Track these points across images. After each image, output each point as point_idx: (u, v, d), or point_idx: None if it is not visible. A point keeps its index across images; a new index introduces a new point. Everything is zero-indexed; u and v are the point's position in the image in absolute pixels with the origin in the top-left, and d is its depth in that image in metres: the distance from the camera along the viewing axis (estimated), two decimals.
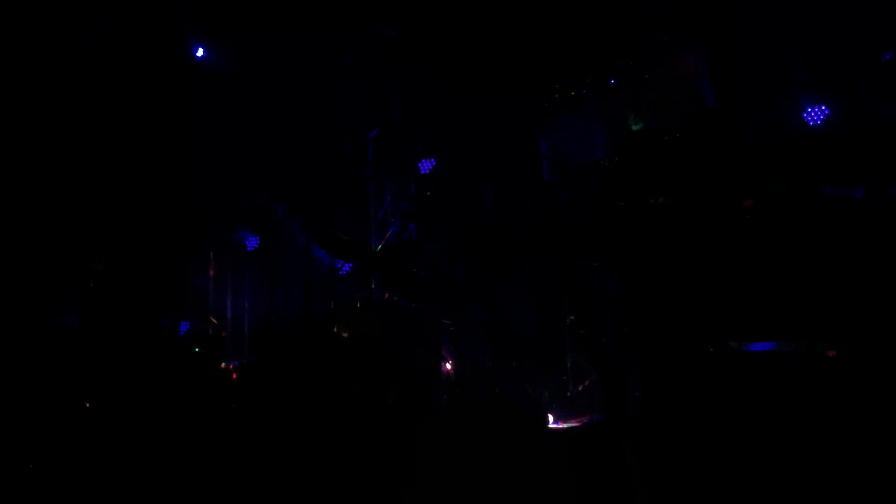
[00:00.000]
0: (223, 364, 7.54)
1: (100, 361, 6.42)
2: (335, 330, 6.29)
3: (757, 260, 3.34)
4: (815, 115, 6.60)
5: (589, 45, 7.53)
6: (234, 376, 7.35)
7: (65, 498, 4.86)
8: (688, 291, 3.38)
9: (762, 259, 3.33)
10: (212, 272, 9.00)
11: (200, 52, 8.93)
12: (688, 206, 3.73)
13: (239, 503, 4.64)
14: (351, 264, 8.24)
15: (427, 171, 8.40)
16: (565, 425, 5.75)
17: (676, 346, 3.40)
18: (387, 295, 6.44)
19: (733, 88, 6.93)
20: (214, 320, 8.40)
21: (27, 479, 5.11)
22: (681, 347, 3.40)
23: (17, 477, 5.13)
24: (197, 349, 7.45)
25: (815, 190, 4.18)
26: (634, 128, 6.10)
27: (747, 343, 3.40)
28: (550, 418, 5.73)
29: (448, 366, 6.01)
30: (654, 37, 7.14)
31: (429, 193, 7.72)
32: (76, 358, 6.47)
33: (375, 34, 8.20)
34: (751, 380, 3.23)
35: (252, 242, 9.17)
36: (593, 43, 7.50)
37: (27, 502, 4.85)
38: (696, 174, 3.77)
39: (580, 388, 6.49)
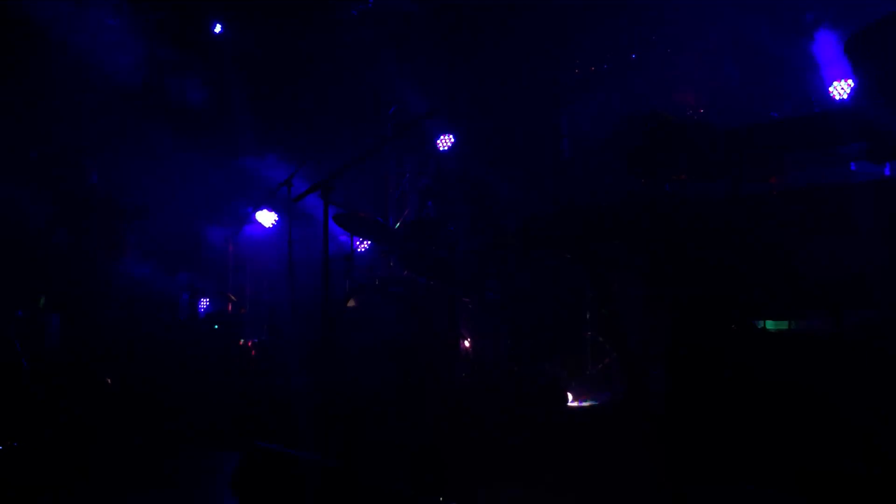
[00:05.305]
0: (241, 341, 7.59)
1: (120, 342, 6.53)
2: (353, 307, 6.28)
3: (783, 238, 3.29)
4: (840, 90, 6.50)
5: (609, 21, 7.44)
6: (252, 353, 7.40)
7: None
8: (713, 271, 3.34)
9: (788, 237, 3.28)
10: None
11: (218, 29, 8.94)
12: (712, 184, 3.68)
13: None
14: (369, 242, 8.23)
15: (446, 149, 8.35)
16: (584, 403, 5.73)
17: (702, 326, 3.36)
18: (405, 273, 6.41)
19: (756, 64, 6.83)
20: (234, 297, 8.44)
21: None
22: (706, 327, 3.36)
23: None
24: (216, 326, 7.51)
25: (841, 167, 4.12)
26: None
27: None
28: (569, 396, 5.72)
29: (467, 344, 6.00)
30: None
31: (447, 170, 7.69)
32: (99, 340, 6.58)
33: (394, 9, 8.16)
34: (776, 360, 3.19)
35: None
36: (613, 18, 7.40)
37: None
38: (719, 152, 3.72)
39: (599, 366, 6.46)
